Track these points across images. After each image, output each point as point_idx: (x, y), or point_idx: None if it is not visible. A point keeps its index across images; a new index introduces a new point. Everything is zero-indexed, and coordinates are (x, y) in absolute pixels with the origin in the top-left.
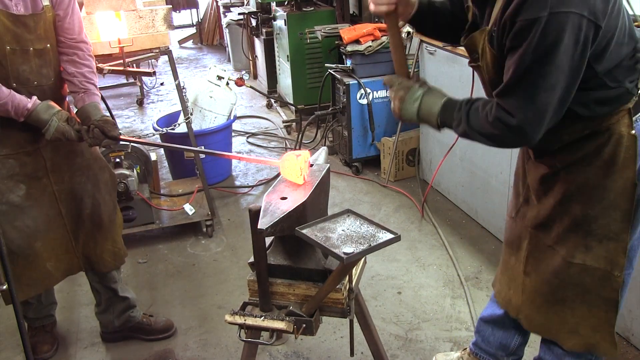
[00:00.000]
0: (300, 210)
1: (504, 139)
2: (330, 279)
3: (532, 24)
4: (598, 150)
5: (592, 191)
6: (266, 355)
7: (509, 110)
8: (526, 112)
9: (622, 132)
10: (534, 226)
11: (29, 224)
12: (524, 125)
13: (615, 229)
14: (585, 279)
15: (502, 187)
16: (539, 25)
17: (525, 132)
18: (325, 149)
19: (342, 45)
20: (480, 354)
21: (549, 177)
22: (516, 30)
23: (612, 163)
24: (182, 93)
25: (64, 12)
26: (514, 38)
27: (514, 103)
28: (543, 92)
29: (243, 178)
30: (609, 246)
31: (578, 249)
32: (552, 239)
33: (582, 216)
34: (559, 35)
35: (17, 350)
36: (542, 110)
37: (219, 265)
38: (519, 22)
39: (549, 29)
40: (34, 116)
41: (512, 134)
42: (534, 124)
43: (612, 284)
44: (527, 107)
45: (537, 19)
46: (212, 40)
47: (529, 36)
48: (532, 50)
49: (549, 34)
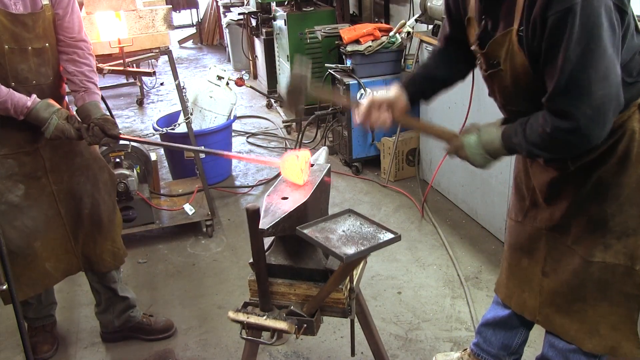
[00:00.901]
0: (302, 210)
1: (568, 147)
2: (331, 279)
3: (567, 15)
4: (612, 148)
5: (607, 189)
6: (266, 355)
7: (565, 113)
8: (586, 110)
9: (634, 127)
10: (549, 228)
11: (28, 224)
12: (587, 124)
13: (632, 224)
14: (606, 276)
15: (502, 187)
16: (574, 13)
17: (588, 131)
18: (326, 149)
19: (342, 45)
20: (482, 354)
21: (559, 179)
22: (550, 26)
23: (626, 159)
24: (182, 93)
25: (64, 10)
26: (552, 34)
27: (570, 104)
28: (598, 83)
29: (243, 178)
30: (627, 242)
31: (597, 247)
32: (569, 239)
33: (599, 215)
34: (598, 19)
35: (17, 350)
36: (602, 103)
37: (219, 265)
38: (551, 17)
39: (585, 15)
40: (33, 114)
41: (576, 138)
42: (597, 120)
43: (634, 279)
44: (585, 105)
45: (570, 8)
46: (212, 40)
47: (566, 28)
48: (575, 42)
49: (587, 21)
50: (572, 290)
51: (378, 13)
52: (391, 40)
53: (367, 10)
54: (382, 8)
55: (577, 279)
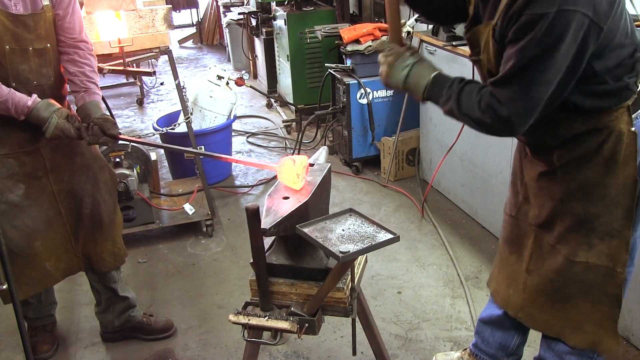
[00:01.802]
0: (303, 210)
1: (491, 127)
2: (329, 278)
3: (539, 19)
4: (598, 148)
5: (593, 189)
6: (266, 355)
7: (501, 100)
8: (518, 104)
9: (621, 129)
10: (538, 225)
11: (28, 223)
12: (513, 116)
13: (617, 226)
14: (588, 277)
15: (502, 186)
16: (546, 20)
17: (512, 123)
18: (326, 149)
19: (342, 45)
20: (480, 355)
21: (546, 175)
22: (522, 22)
23: (613, 160)
24: (182, 93)
25: (64, 11)
26: (518, 30)
27: (508, 94)
28: (538, 86)
29: (243, 178)
30: (611, 243)
31: (580, 247)
32: (553, 238)
33: (584, 215)
34: (563, 33)
35: (17, 350)
36: (534, 104)
37: (219, 265)
38: (525, 15)
39: (555, 25)
40: (34, 114)
41: (500, 123)
42: (523, 117)
43: (615, 280)
44: (519, 100)
45: (545, 14)
46: (212, 40)
47: (533, 30)
48: (535, 45)
49: (553, 31)
50: (555, 289)
51: (378, 13)
52: None
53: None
54: (382, 8)
55: (560, 277)
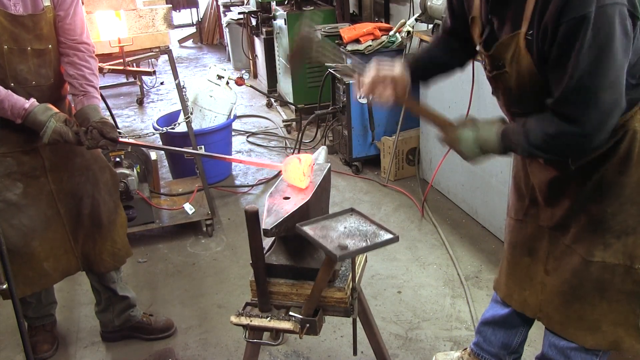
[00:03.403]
0: (304, 210)
1: (570, 149)
2: (318, 277)
3: (581, 22)
4: (613, 148)
5: (608, 188)
6: (266, 355)
7: (571, 118)
8: (592, 116)
9: (636, 128)
10: (551, 227)
11: (25, 222)
12: (592, 129)
13: (632, 223)
14: (605, 276)
15: (502, 186)
16: (589, 22)
17: (592, 136)
18: (325, 148)
19: (342, 44)
20: (482, 354)
21: (559, 178)
22: (563, 32)
23: (628, 159)
24: (182, 92)
25: (65, 12)
26: (565, 41)
27: (577, 110)
28: (606, 90)
29: (243, 177)
30: (627, 241)
31: (597, 247)
32: (569, 238)
33: (599, 214)
34: (611, 29)
35: (17, 349)
36: (609, 109)
37: (219, 264)
38: (565, 24)
39: (600, 23)
40: (31, 117)
41: (580, 141)
42: (602, 127)
43: (633, 277)
44: (592, 111)
45: (586, 16)
46: (212, 40)
47: (579, 36)
48: (588, 50)
49: (601, 29)
50: (572, 289)
51: (378, 12)
52: (391, 40)
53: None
54: (382, 7)
55: (576, 278)
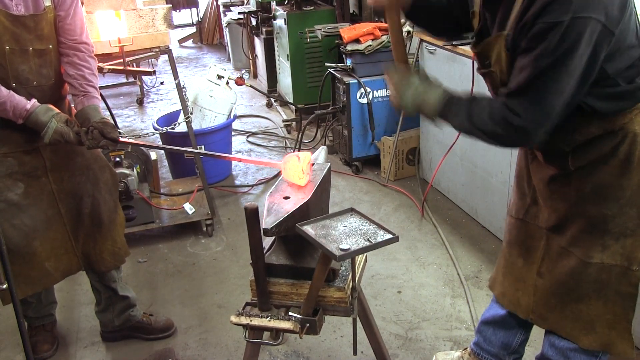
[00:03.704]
0: (304, 210)
1: (506, 139)
2: (314, 275)
3: (553, 27)
4: (613, 150)
5: (608, 191)
6: (266, 355)
7: (516, 110)
8: (533, 114)
9: (636, 130)
10: (549, 228)
11: (27, 222)
12: (529, 126)
13: (632, 225)
14: (602, 276)
15: (502, 186)
16: (560, 28)
17: (528, 133)
18: (325, 148)
19: (342, 44)
20: (482, 353)
21: (558, 178)
22: (535, 31)
23: (628, 162)
24: (182, 92)
25: (65, 12)
26: (532, 39)
27: (523, 104)
28: (552, 95)
29: (243, 177)
30: (625, 242)
31: (595, 248)
32: (565, 240)
33: (598, 216)
34: (577, 41)
35: (17, 349)
36: (548, 113)
37: (219, 264)
38: (539, 24)
39: (569, 33)
40: (32, 118)
41: (516, 134)
42: (538, 126)
43: (630, 279)
44: (534, 109)
45: (559, 23)
46: (212, 40)
47: (547, 39)
48: (549, 53)
49: (567, 38)
50: (568, 291)
51: (378, 12)
52: None
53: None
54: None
55: (573, 280)
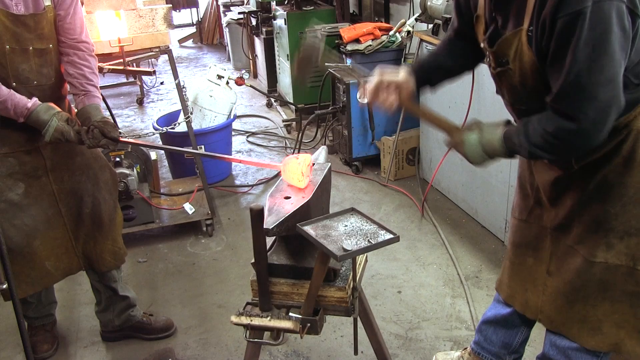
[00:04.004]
0: (305, 209)
1: (570, 147)
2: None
3: (577, 18)
4: (617, 148)
5: (612, 189)
6: (266, 355)
7: (569, 114)
8: (589, 112)
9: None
10: (554, 227)
11: (27, 222)
12: (589, 126)
13: (636, 224)
14: (607, 276)
15: (502, 186)
16: (584, 17)
17: (590, 133)
18: (325, 148)
19: (342, 44)
20: (482, 353)
21: (562, 178)
22: (560, 28)
23: (631, 159)
24: (182, 92)
25: (65, 12)
26: (560, 37)
27: (574, 106)
28: (603, 86)
29: (243, 177)
30: (630, 242)
31: (599, 247)
32: (571, 239)
33: (602, 214)
34: (608, 24)
35: (17, 349)
36: (606, 106)
37: (219, 264)
38: (561, 19)
39: (596, 18)
40: (33, 116)
41: (578, 138)
42: (600, 123)
43: (636, 278)
44: (589, 107)
45: (581, 11)
46: (212, 40)
47: (575, 31)
48: (584, 45)
49: (597, 24)
50: (575, 290)
51: (378, 12)
52: (391, 40)
53: (367, 10)
54: (382, 7)
55: (579, 279)
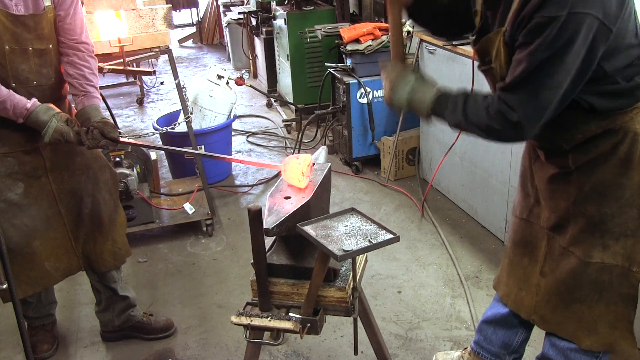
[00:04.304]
0: (305, 209)
1: (502, 134)
2: (313, 273)
3: (550, 22)
4: (613, 149)
5: (608, 191)
6: (266, 355)
7: (511, 105)
8: (528, 108)
9: (637, 129)
10: (550, 228)
11: (27, 222)
12: (524, 121)
13: (632, 225)
14: (603, 277)
15: (502, 186)
16: (557, 23)
17: (523, 127)
18: (325, 148)
19: (342, 44)
20: (482, 352)
21: (559, 178)
22: (532, 26)
23: (628, 161)
24: (182, 92)
25: (65, 12)
26: (529, 34)
27: (518, 98)
28: (548, 90)
29: (243, 177)
30: (626, 243)
31: (595, 248)
32: (566, 240)
33: (598, 216)
34: (573, 36)
35: (17, 349)
36: (543, 108)
37: (219, 264)
38: (536, 19)
39: (565, 28)
40: (33, 117)
41: (512, 129)
42: (533, 121)
43: (631, 280)
44: (529, 104)
45: (556, 18)
46: (212, 40)
47: (543, 33)
48: (545, 48)
49: (564, 34)
50: (569, 290)
51: (378, 12)
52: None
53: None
54: (382, 7)
55: (574, 279)
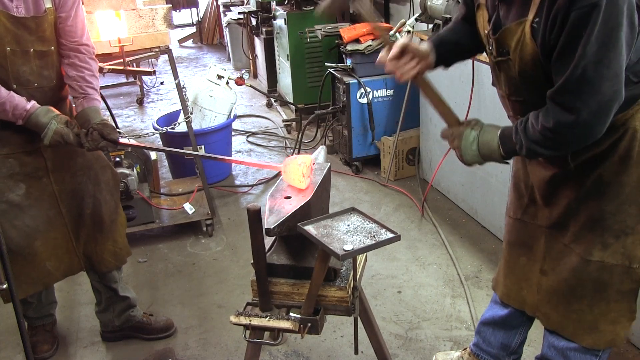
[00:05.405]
0: (305, 209)
1: (569, 141)
2: (314, 272)
3: (592, 10)
4: (613, 146)
5: (608, 187)
6: (266, 355)
7: (570, 107)
8: (590, 106)
9: (636, 127)
10: (549, 226)
11: (28, 223)
12: (589, 120)
13: (631, 223)
14: (603, 276)
15: (502, 186)
16: (599, 10)
17: (591, 126)
18: (324, 148)
19: (342, 44)
20: (481, 354)
21: (558, 176)
22: (573, 20)
23: (628, 158)
24: (182, 92)
25: (66, 14)
26: (572, 30)
27: (577, 99)
28: (608, 81)
29: (243, 177)
30: (626, 241)
31: (595, 246)
32: (568, 237)
33: (598, 213)
34: (619, 18)
35: (17, 349)
36: (608, 101)
37: (219, 264)
38: (575, 11)
39: (609, 13)
40: (32, 119)
41: (578, 131)
42: (599, 117)
43: (632, 277)
44: (591, 100)
45: (597, 4)
46: (212, 40)
47: (589, 24)
48: (595, 38)
49: (609, 19)
50: (570, 289)
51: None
52: (391, 40)
53: None
54: (382, 7)
55: (575, 278)
